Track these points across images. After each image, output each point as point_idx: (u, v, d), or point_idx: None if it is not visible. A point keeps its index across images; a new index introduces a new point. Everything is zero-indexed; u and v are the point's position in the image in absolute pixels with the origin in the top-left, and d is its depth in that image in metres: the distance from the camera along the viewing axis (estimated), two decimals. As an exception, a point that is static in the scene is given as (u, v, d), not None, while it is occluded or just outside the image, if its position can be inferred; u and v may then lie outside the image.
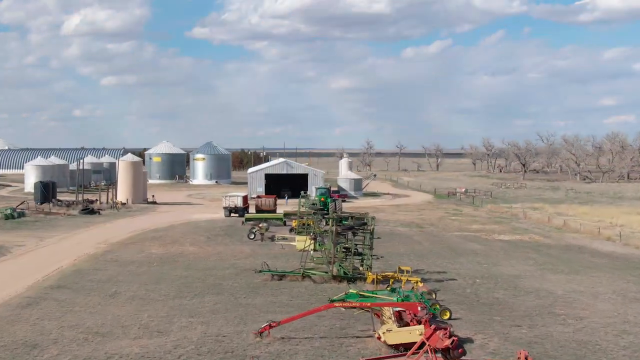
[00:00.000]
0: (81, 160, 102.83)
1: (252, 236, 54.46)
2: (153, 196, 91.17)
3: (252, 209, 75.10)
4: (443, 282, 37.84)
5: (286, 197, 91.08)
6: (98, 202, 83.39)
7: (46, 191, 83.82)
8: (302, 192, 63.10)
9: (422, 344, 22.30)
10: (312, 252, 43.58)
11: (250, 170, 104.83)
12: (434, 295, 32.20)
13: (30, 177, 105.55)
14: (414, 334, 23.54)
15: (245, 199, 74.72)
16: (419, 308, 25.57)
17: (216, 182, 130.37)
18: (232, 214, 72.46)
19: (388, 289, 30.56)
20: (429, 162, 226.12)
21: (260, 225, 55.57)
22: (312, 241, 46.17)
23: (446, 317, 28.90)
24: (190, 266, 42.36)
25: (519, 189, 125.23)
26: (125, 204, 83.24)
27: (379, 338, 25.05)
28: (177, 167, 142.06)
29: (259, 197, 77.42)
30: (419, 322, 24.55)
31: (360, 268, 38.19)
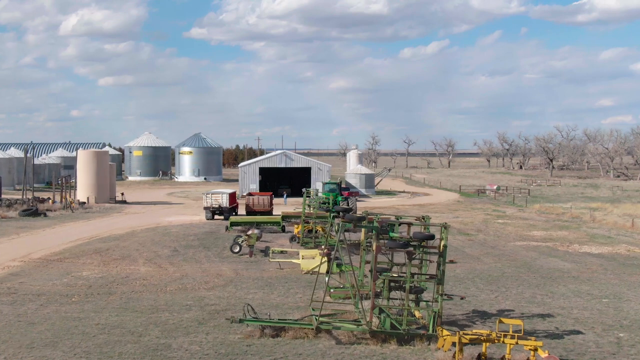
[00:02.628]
0: (31, 151, 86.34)
1: (237, 249, 38.15)
2: (122, 194, 74.78)
3: (242, 210, 59.03)
4: (563, 338, 21.49)
5: (285, 195, 74.84)
6: (50, 201, 66.95)
7: (-14, 188, 67.45)
8: (304, 189, 47.31)
9: None
10: (326, 278, 27.63)
11: (242, 164, 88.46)
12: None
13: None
14: None
15: (232, 197, 58.37)
16: None
17: (205, 179, 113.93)
18: (217, 216, 56.37)
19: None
20: (440, 160, 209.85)
21: (249, 232, 39.16)
22: (326, 258, 30.30)
23: None
24: (129, 303, 25.93)
25: (552, 187, 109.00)
26: (84, 203, 66.80)
27: None
28: (161, 162, 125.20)
29: (250, 194, 61.00)
30: None
31: (417, 315, 21.84)
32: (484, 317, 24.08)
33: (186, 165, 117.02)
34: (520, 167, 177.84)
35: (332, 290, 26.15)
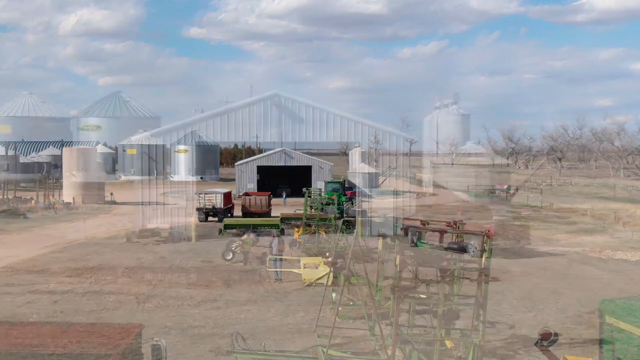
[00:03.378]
0: (13, 149, 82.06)
1: (230, 256, 33.78)
2: (111, 194, 70.41)
3: (239, 212, 54.77)
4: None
5: (284, 195, 70.51)
6: (33, 201, 62.64)
7: (-36, 187, 63.17)
8: (305, 189, 43.35)
9: None
10: (333, 294, 23.54)
11: (239, 162, 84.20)
12: None
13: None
14: None
15: (227, 197, 54.08)
16: None
17: (201, 178, 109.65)
18: (210, 218, 52.09)
19: None
20: (443, 159, 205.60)
21: (244, 237, 34.79)
22: (330, 269, 26.19)
23: None
24: (96, 326, 21.21)
25: (563, 186, 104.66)
26: (69, 203, 62.46)
27: None
28: (157, 160, 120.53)
29: (247, 194, 56.71)
30: None
31: (449, 345, 17.45)
32: (527, 344, 19.74)
33: (182, 164, 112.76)
34: (526, 167, 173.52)
35: (339, 309, 21.82)
